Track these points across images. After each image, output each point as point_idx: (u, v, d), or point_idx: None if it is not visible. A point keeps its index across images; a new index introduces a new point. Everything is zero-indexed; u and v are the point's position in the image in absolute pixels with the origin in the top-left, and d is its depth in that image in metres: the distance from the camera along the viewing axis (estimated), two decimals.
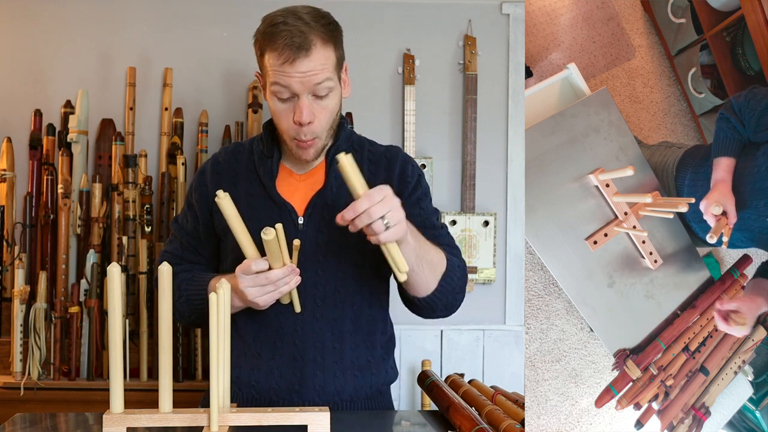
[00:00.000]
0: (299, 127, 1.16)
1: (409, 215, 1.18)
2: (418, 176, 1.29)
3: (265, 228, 1.04)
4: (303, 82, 1.13)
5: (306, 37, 1.11)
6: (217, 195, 1.07)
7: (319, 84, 1.14)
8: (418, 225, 1.21)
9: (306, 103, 1.14)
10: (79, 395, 1.87)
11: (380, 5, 2.10)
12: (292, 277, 1.12)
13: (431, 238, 1.22)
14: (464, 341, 2.14)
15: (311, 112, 1.15)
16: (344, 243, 1.21)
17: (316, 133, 1.18)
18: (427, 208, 1.29)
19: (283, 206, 1.23)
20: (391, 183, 1.23)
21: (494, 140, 2.14)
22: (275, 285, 1.11)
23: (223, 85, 2.08)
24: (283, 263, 1.11)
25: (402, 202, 1.08)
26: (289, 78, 1.13)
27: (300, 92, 1.14)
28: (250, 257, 1.12)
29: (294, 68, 1.12)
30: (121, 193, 1.95)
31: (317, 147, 1.21)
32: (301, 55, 1.11)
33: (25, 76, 2.05)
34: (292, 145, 1.21)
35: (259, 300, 1.12)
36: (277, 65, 1.13)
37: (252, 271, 1.10)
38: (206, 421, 0.94)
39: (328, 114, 1.19)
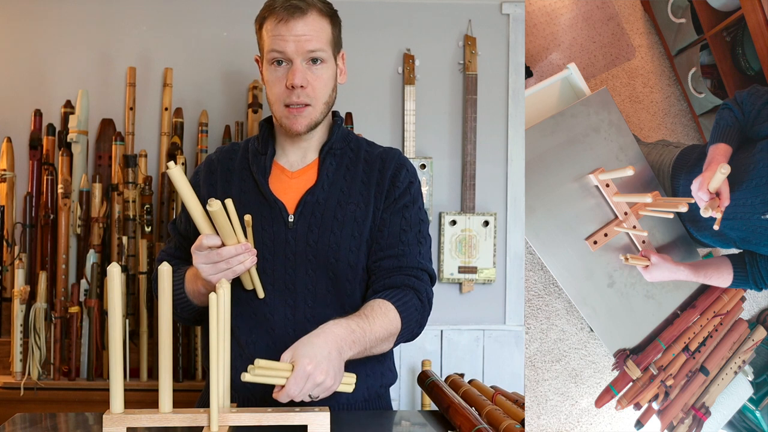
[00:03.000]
0: (291, 91, 1.18)
1: (387, 222, 1.23)
2: (409, 183, 1.27)
3: (210, 199, 1.02)
4: (297, 45, 1.17)
5: (305, 2, 1.17)
6: (167, 166, 1.02)
7: (313, 51, 1.18)
8: (393, 233, 1.23)
9: (300, 68, 1.18)
10: (79, 395, 1.87)
11: (380, 5, 2.10)
12: (246, 256, 1.09)
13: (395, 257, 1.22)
14: (464, 341, 2.14)
15: (304, 77, 1.18)
16: (336, 242, 1.21)
17: (310, 98, 1.20)
18: (411, 218, 1.26)
19: (273, 203, 1.23)
20: (382, 184, 1.24)
21: (494, 140, 2.14)
22: (228, 263, 1.09)
23: (223, 85, 2.08)
24: (237, 241, 1.09)
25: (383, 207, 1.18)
26: (284, 42, 1.16)
27: (294, 56, 1.17)
28: (204, 233, 1.09)
29: (289, 30, 1.16)
30: (121, 193, 1.95)
31: (310, 118, 1.21)
32: (296, 15, 1.16)
33: (25, 76, 2.05)
34: (283, 115, 1.21)
35: (212, 278, 1.10)
36: (274, 29, 1.17)
37: (204, 246, 1.08)
38: (206, 421, 0.94)
39: (322, 83, 1.21)
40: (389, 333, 1.16)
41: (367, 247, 1.24)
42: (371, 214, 1.23)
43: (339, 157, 1.27)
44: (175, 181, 1.03)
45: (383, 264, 1.22)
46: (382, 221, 1.23)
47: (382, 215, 1.24)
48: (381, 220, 1.23)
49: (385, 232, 1.23)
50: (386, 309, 1.16)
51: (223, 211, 1.04)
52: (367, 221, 1.23)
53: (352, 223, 1.22)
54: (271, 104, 1.23)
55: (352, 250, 1.22)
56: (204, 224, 1.09)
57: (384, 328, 1.14)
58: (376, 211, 1.24)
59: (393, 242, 1.23)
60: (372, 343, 1.12)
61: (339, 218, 1.22)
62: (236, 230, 1.08)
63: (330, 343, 1.03)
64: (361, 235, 1.22)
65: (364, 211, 1.23)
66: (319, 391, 1.00)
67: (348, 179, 1.25)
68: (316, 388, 0.99)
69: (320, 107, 1.22)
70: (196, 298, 1.21)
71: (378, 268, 1.23)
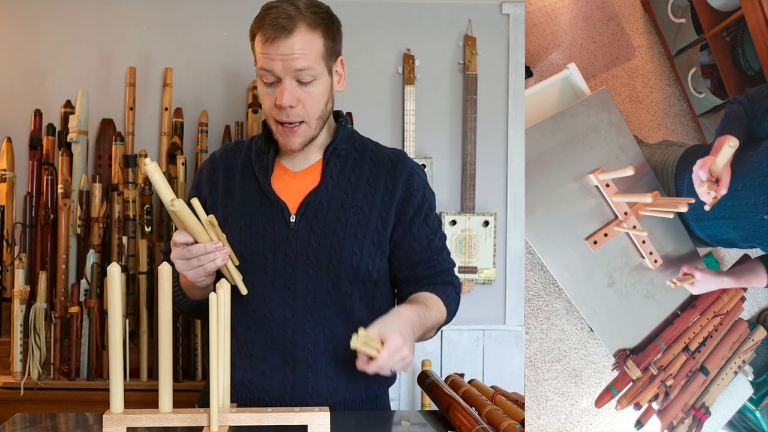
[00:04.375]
0: (280, 109, 1.17)
1: (417, 236, 1.26)
2: (423, 188, 1.29)
3: (173, 199, 1.00)
4: (284, 65, 1.14)
5: (292, 20, 1.13)
6: (144, 162, 1.00)
7: (301, 70, 1.15)
8: (423, 247, 1.27)
9: (288, 87, 1.16)
10: (79, 395, 1.87)
11: (380, 5, 2.10)
12: (217, 254, 1.09)
13: (430, 266, 1.29)
14: (464, 341, 2.14)
15: (293, 96, 1.16)
16: (339, 244, 1.21)
17: (301, 117, 1.18)
18: (433, 223, 1.31)
19: (275, 203, 1.22)
20: (393, 189, 1.25)
21: (494, 140, 2.14)
22: (199, 260, 1.08)
23: (223, 85, 2.08)
24: (209, 239, 1.08)
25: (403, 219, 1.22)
26: (272, 61, 1.14)
27: (282, 75, 1.15)
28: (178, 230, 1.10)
29: (275, 48, 1.13)
30: (121, 193, 1.95)
31: (304, 136, 1.21)
32: (282, 35, 1.13)
33: (25, 76, 2.05)
34: (277, 132, 1.21)
35: (187, 274, 1.10)
36: (262, 47, 1.15)
37: (177, 243, 1.09)
38: (206, 421, 0.94)
39: (313, 101, 1.19)
40: (438, 322, 1.25)
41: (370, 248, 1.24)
42: (376, 216, 1.24)
43: (343, 158, 1.27)
44: (152, 176, 1.00)
45: (421, 274, 1.29)
46: (412, 236, 1.27)
47: (410, 229, 1.27)
48: (411, 234, 1.27)
49: (416, 246, 1.28)
50: (436, 301, 1.25)
51: (188, 210, 1.04)
52: (371, 223, 1.23)
53: (355, 226, 1.22)
54: (266, 118, 1.23)
55: (355, 252, 1.22)
56: (176, 221, 1.09)
57: (437, 318, 1.24)
58: (382, 213, 1.24)
59: (426, 256, 1.29)
60: (428, 329, 1.21)
61: (342, 220, 1.22)
62: (207, 228, 1.08)
63: (408, 324, 1.12)
64: (364, 237, 1.22)
65: (368, 213, 1.23)
66: (403, 364, 1.07)
67: (352, 181, 1.25)
68: (401, 361, 1.06)
69: (314, 123, 1.21)
70: (188, 291, 1.22)
71: (416, 278, 1.30)
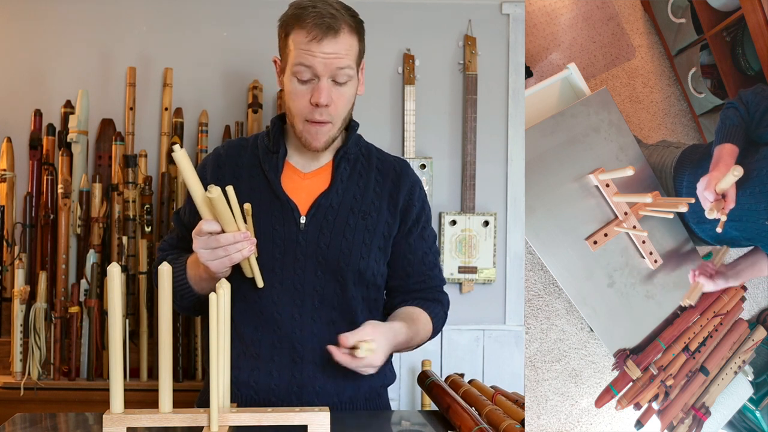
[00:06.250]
0: (315, 108, 1.17)
1: (413, 248, 1.29)
2: (423, 201, 1.32)
3: (210, 185, 1.01)
4: (326, 64, 1.15)
5: (336, 20, 1.15)
6: (173, 149, 1.01)
7: (341, 69, 1.17)
8: (418, 260, 1.30)
9: (326, 86, 1.17)
10: (79, 395, 1.87)
11: (380, 5, 2.10)
12: (244, 245, 1.08)
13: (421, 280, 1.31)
14: (464, 341, 2.13)
15: (329, 96, 1.17)
16: (348, 248, 1.22)
17: (332, 116, 1.19)
18: (429, 237, 1.33)
19: (286, 204, 1.23)
20: (397, 198, 1.27)
21: (494, 140, 2.14)
22: (225, 250, 1.07)
23: (223, 85, 2.08)
24: (237, 228, 1.08)
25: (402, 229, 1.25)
26: (313, 58, 1.15)
27: (321, 74, 1.16)
28: (205, 218, 1.08)
29: (320, 47, 1.14)
30: (121, 193, 1.95)
31: (329, 135, 1.21)
32: (329, 35, 1.14)
33: (25, 76, 2.05)
34: (304, 130, 1.20)
35: (210, 264, 1.09)
36: (303, 44, 1.15)
37: (203, 231, 1.08)
38: (206, 421, 0.94)
39: (345, 101, 1.21)
40: (422, 341, 1.29)
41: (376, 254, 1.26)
42: (383, 222, 1.26)
43: (353, 163, 1.28)
44: (180, 164, 1.02)
45: (412, 286, 1.32)
46: (407, 246, 1.29)
47: (406, 239, 1.29)
48: (407, 244, 1.29)
49: (411, 258, 1.30)
50: (426, 321, 1.28)
51: (223, 198, 1.04)
52: (378, 229, 1.25)
53: (364, 230, 1.24)
54: (291, 116, 1.22)
55: (363, 256, 1.23)
56: (205, 209, 1.08)
57: (421, 339, 1.28)
58: (388, 220, 1.27)
59: (419, 270, 1.31)
60: (410, 347, 1.26)
61: (351, 224, 1.23)
62: (236, 218, 1.07)
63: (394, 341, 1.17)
64: (371, 242, 1.25)
65: (375, 219, 1.25)
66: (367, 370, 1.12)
67: (361, 186, 1.27)
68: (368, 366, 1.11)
69: (339, 124, 1.22)
70: (197, 284, 1.20)
71: (406, 290, 1.32)
